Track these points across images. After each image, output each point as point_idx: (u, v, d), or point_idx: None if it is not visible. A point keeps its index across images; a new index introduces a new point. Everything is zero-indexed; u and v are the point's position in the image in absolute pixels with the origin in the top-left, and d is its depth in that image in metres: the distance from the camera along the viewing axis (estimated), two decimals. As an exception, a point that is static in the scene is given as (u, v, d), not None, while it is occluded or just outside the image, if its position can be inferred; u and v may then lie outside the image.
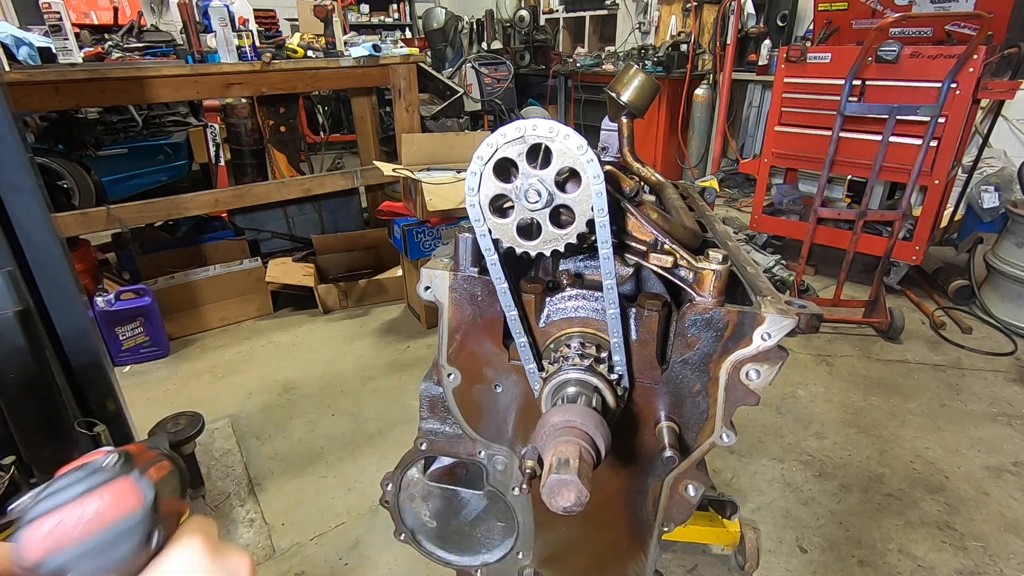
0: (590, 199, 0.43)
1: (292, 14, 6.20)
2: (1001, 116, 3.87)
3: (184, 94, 3.20)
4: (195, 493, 1.94)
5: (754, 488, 2.04)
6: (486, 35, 7.67)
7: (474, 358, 0.57)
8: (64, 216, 2.75)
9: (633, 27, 6.49)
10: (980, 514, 1.93)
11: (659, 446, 0.53)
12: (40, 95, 2.55)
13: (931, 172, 3.05)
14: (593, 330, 0.54)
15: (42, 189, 1.43)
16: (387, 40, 3.62)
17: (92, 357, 1.57)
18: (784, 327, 0.47)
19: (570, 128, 0.41)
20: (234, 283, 3.20)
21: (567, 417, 0.44)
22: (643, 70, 0.62)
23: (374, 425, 2.38)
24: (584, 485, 0.39)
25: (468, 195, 0.45)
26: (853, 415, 2.43)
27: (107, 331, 2.68)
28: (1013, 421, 2.39)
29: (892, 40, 2.97)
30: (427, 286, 0.55)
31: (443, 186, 2.74)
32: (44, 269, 1.45)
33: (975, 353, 2.88)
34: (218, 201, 3.17)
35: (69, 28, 2.64)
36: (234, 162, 4.33)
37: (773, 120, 3.59)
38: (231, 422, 2.40)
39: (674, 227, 0.53)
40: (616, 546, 0.66)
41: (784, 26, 5.16)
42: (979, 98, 2.94)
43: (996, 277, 3.19)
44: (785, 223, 3.80)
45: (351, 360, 2.87)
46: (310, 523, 1.90)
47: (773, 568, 1.73)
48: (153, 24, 5.09)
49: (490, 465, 0.63)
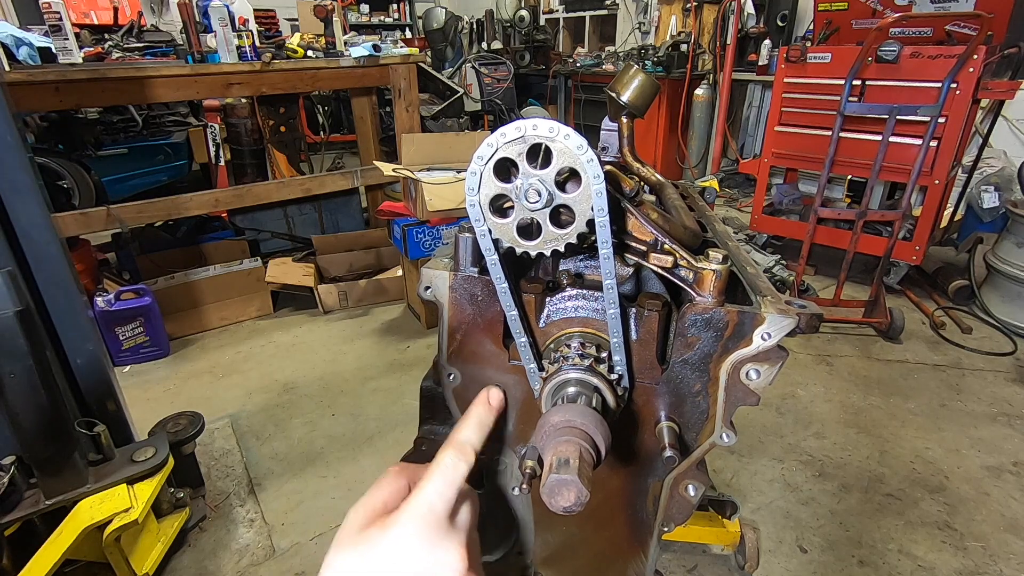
0: (590, 199, 0.43)
1: (292, 14, 6.20)
2: (1001, 116, 3.87)
3: (184, 94, 3.20)
4: (195, 493, 1.93)
5: (754, 488, 2.04)
6: (486, 35, 7.67)
7: (474, 358, 0.57)
8: (64, 216, 2.75)
9: (633, 27, 6.49)
10: (980, 514, 1.93)
11: (659, 446, 0.53)
12: (40, 95, 2.55)
13: (931, 172, 3.05)
14: (593, 330, 0.54)
15: (42, 189, 1.43)
16: (387, 40, 3.62)
17: (92, 357, 1.57)
18: (784, 327, 0.47)
19: (570, 128, 0.41)
20: (234, 283, 3.19)
21: (567, 417, 0.44)
22: (643, 70, 0.62)
23: (374, 425, 2.38)
24: (584, 485, 0.39)
25: (468, 195, 0.45)
26: (853, 415, 2.43)
27: (107, 331, 2.68)
28: (1013, 421, 2.39)
29: (892, 40, 2.97)
30: (427, 286, 0.55)
31: (443, 186, 2.74)
32: (44, 269, 1.45)
33: (975, 353, 2.88)
34: (218, 201, 3.18)
35: (69, 28, 2.64)
36: (234, 162, 4.34)
37: (773, 120, 3.59)
38: (231, 422, 2.40)
39: (674, 227, 0.53)
40: (616, 546, 0.66)
41: (784, 26, 5.16)
42: (979, 98, 2.94)
43: (996, 277, 3.19)
44: (785, 223, 3.80)
45: (351, 360, 2.87)
46: (310, 523, 1.90)
47: (773, 568, 1.73)
48: (153, 24, 5.09)
49: (490, 465, 0.64)
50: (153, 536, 1.67)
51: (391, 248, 3.58)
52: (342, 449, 2.24)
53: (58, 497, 1.44)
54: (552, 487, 0.40)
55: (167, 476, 1.62)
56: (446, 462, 0.45)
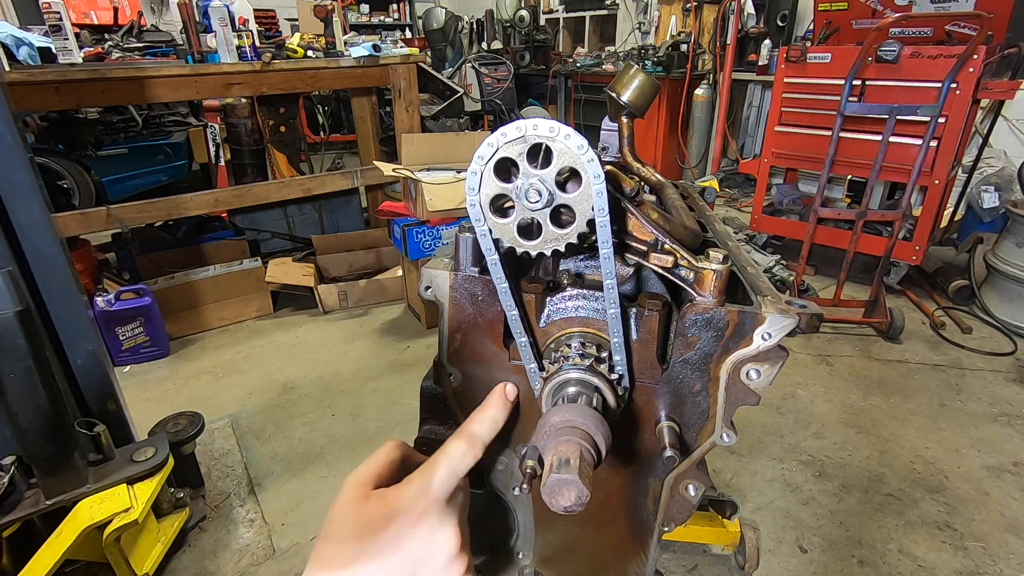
0: (590, 199, 0.43)
1: (292, 14, 6.20)
2: (1001, 116, 3.87)
3: (184, 94, 3.20)
4: (195, 493, 1.93)
5: (754, 488, 2.04)
6: (486, 35, 7.67)
7: (474, 358, 0.57)
8: (64, 216, 2.75)
9: (633, 27, 6.49)
10: (980, 514, 1.93)
11: (659, 446, 0.52)
12: (40, 95, 2.55)
13: (931, 172, 3.05)
14: (594, 330, 0.54)
15: (42, 189, 1.43)
16: (387, 40, 3.62)
17: (92, 357, 1.57)
18: (784, 327, 0.47)
19: (571, 128, 0.41)
20: (234, 283, 3.19)
21: (568, 417, 0.44)
22: (643, 70, 0.62)
23: (374, 425, 2.38)
24: (585, 485, 0.39)
25: (468, 195, 0.45)
26: (853, 415, 2.43)
27: (107, 331, 2.68)
28: (1013, 421, 2.39)
29: (892, 40, 2.97)
30: (427, 286, 0.55)
31: (443, 186, 2.74)
32: (44, 269, 1.45)
33: (975, 353, 2.88)
34: (218, 201, 3.18)
35: (69, 28, 2.64)
36: (234, 162, 4.34)
37: (773, 120, 3.59)
38: (231, 422, 2.40)
39: (674, 227, 0.53)
40: (616, 546, 0.66)
41: (784, 26, 5.16)
42: (979, 98, 2.94)
43: (996, 277, 3.19)
44: (785, 223, 3.80)
45: (351, 360, 2.87)
46: (310, 523, 1.90)
47: (773, 568, 1.73)
48: (153, 24, 5.09)
49: (490, 465, 0.64)
50: (153, 536, 1.67)
51: (391, 248, 3.58)
52: (342, 449, 2.24)
53: (58, 497, 1.44)
54: (552, 487, 0.40)
55: (167, 476, 1.62)
56: (455, 452, 0.46)
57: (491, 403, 0.52)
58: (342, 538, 0.40)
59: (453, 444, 0.47)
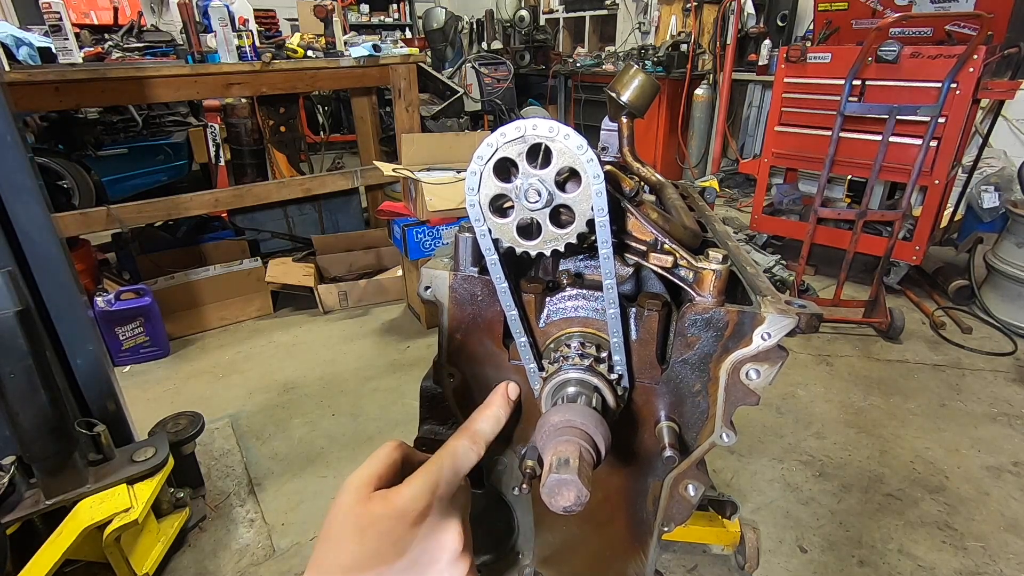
0: (590, 199, 0.43)
1: (292, 14, 6.20)
2: (1001, 116, 3.87)
3: (184, 94, 3.20)
4: (195, 493, 1.93)
5: (754, 488, 2.04)
6: (486, 35, 7.67)
7: (474, 358, 0.57)
8: (64, 216, 2.75)
9: (633, 27, 6.49)
10: (980, 514, 1.93)
11: (659, 446, 0.52)
12: (40, 95, 2.55)
13: (931, 172, 3.05)
14: (593, 330, 0.54)
15: (42, 189, 1.43)
16: (387, 40, 3.62)
17: (92, 357, 1.57)
18: (784, 327, 0.47)
19: (570, 128, 0.41)
20: (234, 283, 3.19)
21: (567, 417, 0.44)
22: (643, 70, 0.62)
23: (374, 425, 2.38)
24: (584, 485, 0.39)
25: (468, 195, 0.45)
26: (853, 415, 2.43)
27: (107, 331, 2.68)
28: (1013, 421, 2.39)
29: (892, 40, 2.97)
30: (427, 286, 0.55)
31: (443, 186, 2.74)
32: (44, 269, 1.45)
33: (975, 353, 2.88)
34: (218, 201, 3.18)
35: (69, 28, 2.64)
36: (234, 162, 4.34)
37: (773, 120, 3.59)
38: (231, 422, 2.40)
39: (674, 227, 0.53)
40: (616, 546, 0.66)
41: (784, 26, 5.16)
42: (979, 98, 2.94)
43: (996, 277, 3.19)
44: (785, 223, 3.80)
45: (351, 360, 2.87)
46: (310, 523, 1.90)
47: (773, 568, 1.73)
48: (153, 24, 5.09)
49: (490, 465, 0.64)
50: (153, 536, 1.67)
51: (391, 248, 3.58)
52: (342, 449, 2.24)
53: (58, 497, 1.44)
54: (552, 487, 0.40)
55: (167, 476, 1.62)
56: (458, 450, 0.46)
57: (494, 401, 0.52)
58: (343, 539, 0.40)
59: (456, 442, 0.47)
